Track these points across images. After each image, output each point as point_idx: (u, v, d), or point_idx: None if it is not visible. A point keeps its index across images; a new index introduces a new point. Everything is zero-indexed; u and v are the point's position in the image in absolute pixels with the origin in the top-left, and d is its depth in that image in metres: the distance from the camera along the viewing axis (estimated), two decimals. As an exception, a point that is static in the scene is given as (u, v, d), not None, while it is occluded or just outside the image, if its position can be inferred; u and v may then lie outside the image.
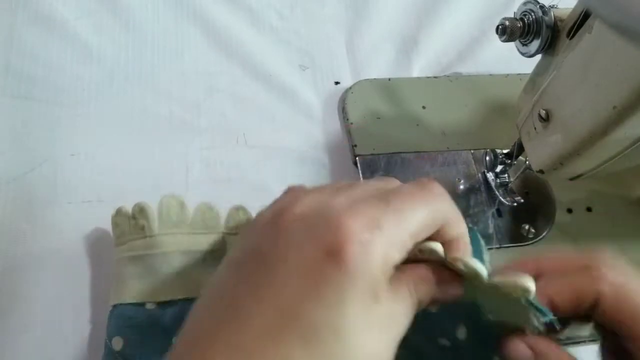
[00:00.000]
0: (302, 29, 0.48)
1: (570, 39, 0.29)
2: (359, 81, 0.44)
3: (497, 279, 0.22)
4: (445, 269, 0.23)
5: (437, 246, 0.23)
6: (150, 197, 0.37)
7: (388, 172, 0.39)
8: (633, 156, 0.27)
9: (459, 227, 0.24)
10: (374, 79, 0.45)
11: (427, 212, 0.22)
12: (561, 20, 0.30)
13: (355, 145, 0.41)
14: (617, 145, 0.27)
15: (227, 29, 0.46)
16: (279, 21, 0.48)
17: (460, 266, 0.22)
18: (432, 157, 0.41)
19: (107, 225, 0.33)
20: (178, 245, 0.30)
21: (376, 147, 0.41)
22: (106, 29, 0.44)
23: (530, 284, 0.22)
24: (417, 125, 0.42)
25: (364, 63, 0.47)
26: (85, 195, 0.37)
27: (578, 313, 0.23)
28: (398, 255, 0.21)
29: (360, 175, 0.39)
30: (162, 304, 0.29)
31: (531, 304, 0.22)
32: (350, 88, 0.44)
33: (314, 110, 0.44)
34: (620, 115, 0.25)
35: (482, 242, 0.30)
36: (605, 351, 0.24)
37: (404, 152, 0.41)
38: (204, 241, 0.31)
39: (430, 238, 0.23)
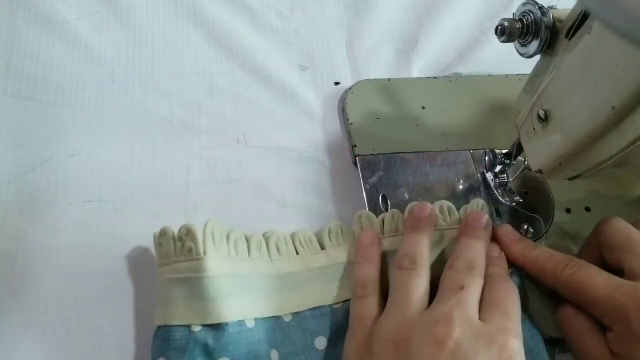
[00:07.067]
0: (302, 29, 0.48)
1: (569, 39, 0.29)
2: (359, 81, 0.45)
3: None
4: None
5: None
6: (150, 197, 0.38)
7: (387, 172, 0.40)
8: (631, 156, 0.28)
9: None
10: (374, 79, 0.45)
11: None
12: (560, 21, 0.30)
13: (355, 145, 0.41)
14: (616, 145, 0.27)
15: (227, 29, 0.46)
16: (279, 21, 0.48)
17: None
18: (432, 157, 0.41)
19: (108, 226, 0.33)
20: (224, 269, 0.30)
21: (376, 147, 0.41)
22: (107, 29, 0.45)
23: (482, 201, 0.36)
24: (417, 125, 0.42)
25: (364, 63, 0.47)
26: (86, 195, 0.37)
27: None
28: None
29: (360, 175, 0.39)
30: (207, 327, 0.29)
31: None
32: (350, 88, 0.44)
33: (314, 110, 0.44)
34: (619, 116, 0.25)
35: None
36: None
37: (403, 152, 0.41)
38: (244, 265, 0.31)
39: None
